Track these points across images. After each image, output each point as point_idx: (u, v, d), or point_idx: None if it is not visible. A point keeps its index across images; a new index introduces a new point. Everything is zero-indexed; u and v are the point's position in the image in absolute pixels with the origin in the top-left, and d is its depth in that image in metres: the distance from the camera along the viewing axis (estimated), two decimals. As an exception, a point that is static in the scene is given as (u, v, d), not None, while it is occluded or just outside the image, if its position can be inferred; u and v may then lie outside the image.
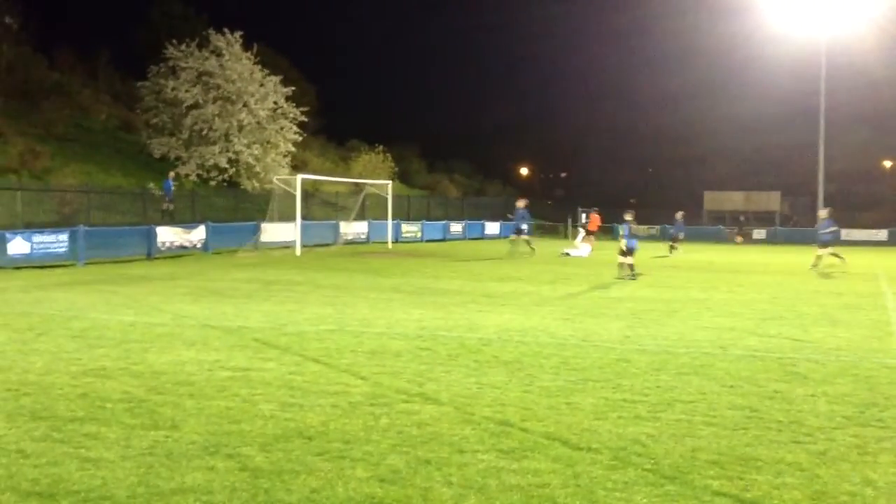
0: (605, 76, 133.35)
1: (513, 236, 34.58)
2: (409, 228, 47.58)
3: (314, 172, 45.95)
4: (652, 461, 6.19)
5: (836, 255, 27.27)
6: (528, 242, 33.75)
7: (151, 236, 28.54)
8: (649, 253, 35.27)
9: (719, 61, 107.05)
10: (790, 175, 79.33)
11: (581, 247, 36.01)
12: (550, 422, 7.28)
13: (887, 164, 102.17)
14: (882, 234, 58.25)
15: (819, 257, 27.19)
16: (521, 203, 34.70)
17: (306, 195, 38.72)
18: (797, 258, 34.95)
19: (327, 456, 6.24)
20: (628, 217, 23.25)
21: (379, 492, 5.50)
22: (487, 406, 7.83)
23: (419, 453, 6.33)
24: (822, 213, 29.71)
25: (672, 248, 36.38)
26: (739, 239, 52.52)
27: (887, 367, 10.09)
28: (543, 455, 6.30)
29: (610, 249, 33.46)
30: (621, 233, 23.55)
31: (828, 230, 27.83)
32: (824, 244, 27.50)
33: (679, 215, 37.83)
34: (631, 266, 22.66)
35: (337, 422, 7.20)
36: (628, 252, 22.71)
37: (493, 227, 58.59)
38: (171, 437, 6.73)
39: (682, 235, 37.51)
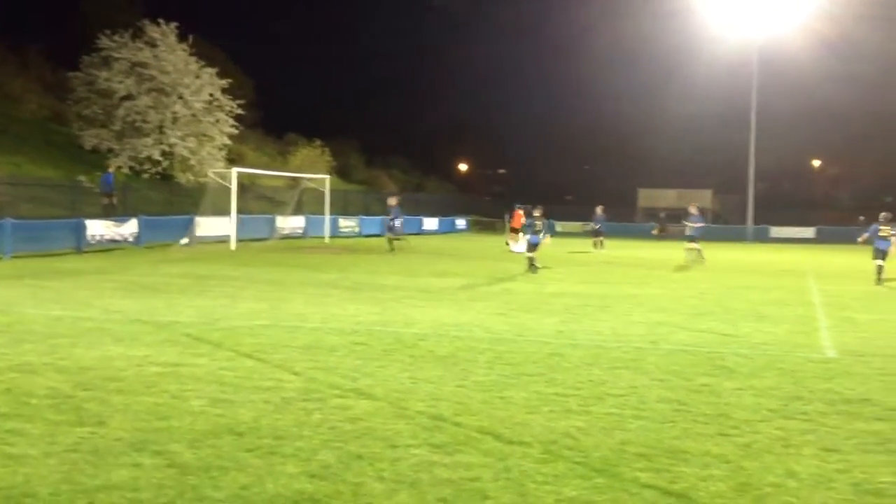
0: (543, 74, 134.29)
1: (388, 234, 33.80)
2: (347, 223, 47.36)
3: (251, 166, 45.39)
4: (582, 454, 6.26)
5: (694, 249, 28.58)
6: (394, 240, 32.65)
7: (81, 230, 27.86)
8: (575, 248, 35.71)
9: (655, 62, 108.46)
10: (722, 174, 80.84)
11: (521, 243, 36.07)
12: (483, 416, 7.32)
13: (816, 163, 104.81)
14: (810, 232, 59.78)
15: (690, 251, 28.25)
16: (392, 201, 34.26)
17: (242, 189, 38.26)
18: (728, 255, 35.68)
19: (258, 452, 6.18)
20: (535, 213, 23.81)
21: (309, 487, 5.47)
22: (421, 401, 7.84)
23: (351, 448, 6.31)
24: (692, 208, 30.65)
25: (596, 243, 36.75)
26: (655, 232, 53.41)
27: (812, 361, 10.36)
28: (475, 449, 6.33)
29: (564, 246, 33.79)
30: (526, 229, 24.14)
31: (697, 224, 28.79)
32: (691, 238, 28.72)
33: (599, 210, 38.31)
34: (532, 260, 23.38)
35: (268, 417, 7.13)
36: (532, 247, 23.42)
37: (431, 223, 58.67)
38: (98, 433, 6.60)
39: (599, 229, 37.85)
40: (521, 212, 37.99)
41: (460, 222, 65.19)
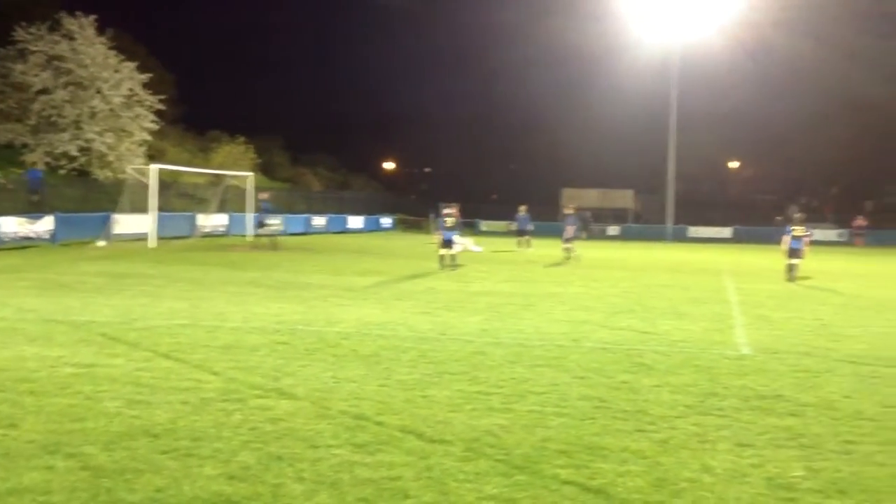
0: (468, 74, 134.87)
1: (259, 231, 33.43)
2: (271, 221, 46.73)
3: (172, 163, 44.45)
4: (503, 452, 6.30)
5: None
6: (265, 237, 32.28)
7: (-7, 227, 26.99)
8: (499, 248, 35.97)
9: (579, 63, 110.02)
10: (643, 174, 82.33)
11: (462, 242, 35.73)
12: (406, 415, 7.30)
13: (733, 165, 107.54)
14: (727, 232, 61.31)
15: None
16: (264, 195, 34.12)
17: (163, 186, 37.47)
18: (648, 254, 36.36)
19: (174, 454, 6.06)
20: (447, 211, 24.12)
21: (227, 489, 5.38)
22: (343, 400, 7.78)
23: (272, 449, 6.23)
24: (567, 210, 32.15)
25: (520, 242, 37.07)
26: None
27: (727, 357, 10.61)
28: (397, 448, 6.31)
29: (488, 245, 33.95)
30: (439, 226, 24.29)
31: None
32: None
33: (522, 209, 38.72)
34: (453, 257, 23.84)
35: (186, 419, 7.00)
36: (447, 244, 23.78)
37: (356, 221, 58.39)
38: (9, 435, 6.39)
39: (516, 227, 38.27)
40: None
41: (386, 221, 65.03)
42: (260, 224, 32.85)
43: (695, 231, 61.49)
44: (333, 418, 7.12)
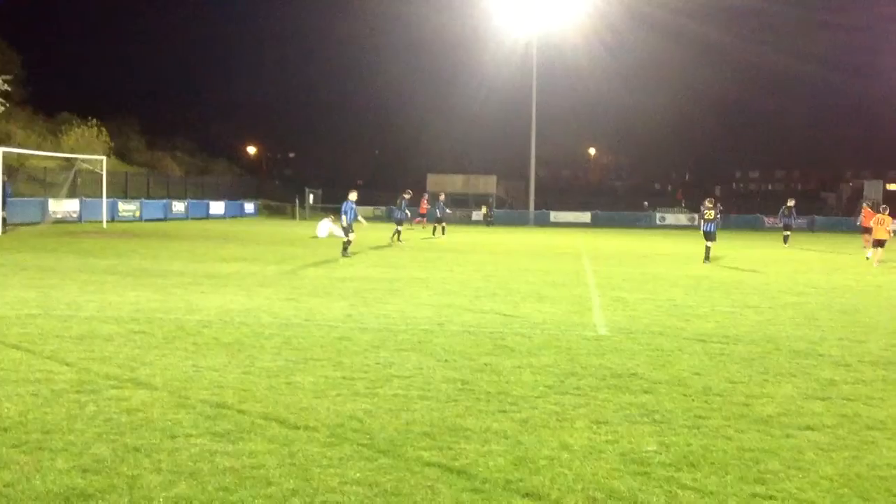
0: (332, 58, 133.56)
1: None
2: (127, 207, 45.24)
3: (19, 145, 42.34)
4: (367, 436, 6.30)
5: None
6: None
7: None
8: (367, 233, 35.90)
9: (443, 51, 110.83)
10: (507, 160, 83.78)
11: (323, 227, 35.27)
12: (269, 402, 7.20)
13: (592, 151, 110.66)
14: (586, 217, 63.16)
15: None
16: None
17: (10, 170, 35.61)
18: (511, 238, 37.03)
19: (24, 448, 5.80)
20: (352, 197, 23.76)
21: (81, 482, 5.19)
22: (204, 389, 7.61)
23: (127, 440, 6.04)
24: (405, 194, 33.45)
25: (436, 229, 37.24)
26: (484, 214, 57.18)
27: (586, 338, 10.94)
28: (260, 436, 6.22)
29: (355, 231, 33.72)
30: (345, 212, 23.88)
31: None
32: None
33: (442, 197, 39.20)
34: (348, 243, 23.80)
35: (37, 411, 6.70)
36: (346, 230, 23.79)
37: (218, 207, 57.07)
38: None
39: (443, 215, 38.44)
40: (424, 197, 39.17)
41: (249, 206, 63.87)
42: None
43: (556, 216, 63.10)
44: (193, 407, 6.95)
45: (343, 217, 23.64)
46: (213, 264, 20.20)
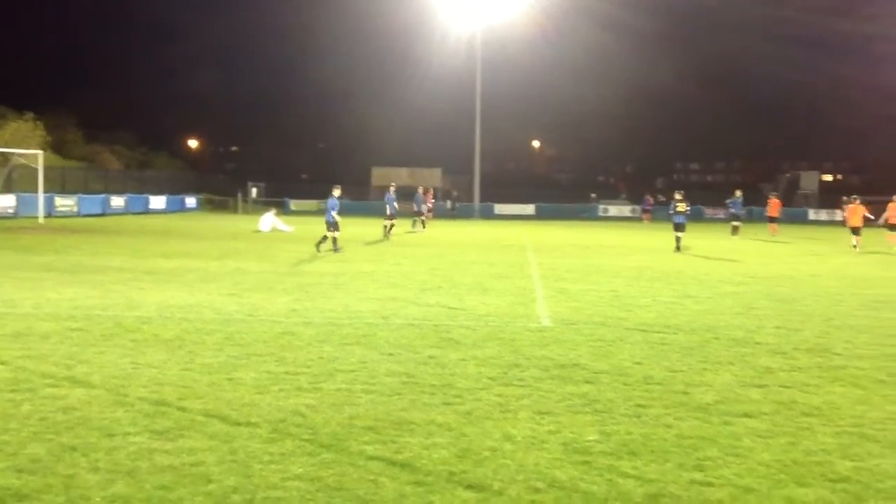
0: (275, 51, 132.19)
1: None
2: (65, 202, 44.35)
3: (-50, 140, 41.18)
4: (310, 431, 6.26)
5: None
6: None
7: None
8: (312, 227, 35.65)
9: (389, 45, 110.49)
10: (452, 153, 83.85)
11: (263, 221, 34.71)
12: (210, 399, 7.11)
13: (536, 144, 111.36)
14: (530, 209, 63.56)
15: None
16: None
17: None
18: (456, 231, 37.10)
19: (-45, 450, 5.64)
20: (336, 193, 23.67)
21: (16, 483, 5.07)
22: (143, 386, 7.49)
23: (64, 440, 5.92)
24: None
25: (415, 222, 37.09)
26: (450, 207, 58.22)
27: (529, 330, 11.00)
28: (200, 433, 6.14)
29: (298, 225, 33.49)
30: (332, 208, 23.61)
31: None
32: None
33: (420, 190, 38.92)
34: (326, 239, 23.44)
35: (-32, 413, 6.53)
36: (331, 226, 23.33)
37: (158, 202, 56.21)
38: None
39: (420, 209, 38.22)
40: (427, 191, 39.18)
41: (190, 201, 62.99)
42: None
43: (501, 208, 63.39)
44: (132, 405, 6.84)
45: (331, 213, 23.31)
46: (153, 260, 19.89)
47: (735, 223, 36.60)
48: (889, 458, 5.95)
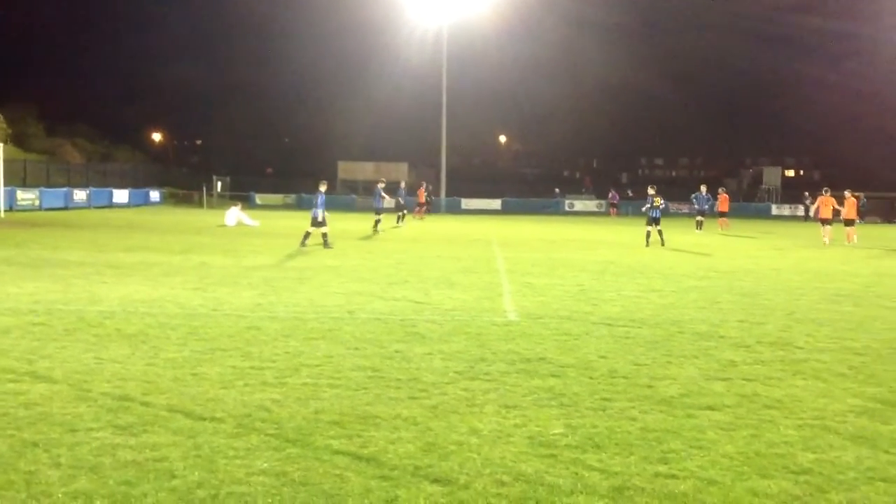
0: (240, 44, 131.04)
1: None
2: (26, 196, 43.74)
3: None
4: (275, 426, 6.23)
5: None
6: None
7: None
8: (276, 221, 35.52)
9: (355, 39, 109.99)
10: (418, 148, 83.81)
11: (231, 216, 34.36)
12: (174, 394, 7.05)
13: (502, 138, 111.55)
14: (497, 204, 63.70)
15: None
16: None
17: None
18: (423, 226, 37.05)
19: (-88, 448, 5.54)
20: (322, 188, 23.66)
21: (-25, 480, 4.99)
22: (106, 381, 7.40)
23: (25, 435, 5.84)
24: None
25: (399, 217, 36.95)
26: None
27: (496, 324, 11.03)
28: (164, 428, 6.09)
29: (266, 220, 33.30)
30: (320, 204, 23.51)
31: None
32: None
33: (402, 184, 38.81)
34: (309, 234, 23.39)
35: (-74, 409, 6.41)
36: (321, 222, 23.26)
37: (121, 195, 55.59)
38: None
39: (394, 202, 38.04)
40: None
41: (154, 194, 62.38)
42: None
43: (467, 203, 63.44)
44: (94, 400, 6.76)
45: (318, 210, 23.23)
46: (116, 254, 19.67)
47: (699, 218, 37.02)
48: (850, 450, 6.03)
